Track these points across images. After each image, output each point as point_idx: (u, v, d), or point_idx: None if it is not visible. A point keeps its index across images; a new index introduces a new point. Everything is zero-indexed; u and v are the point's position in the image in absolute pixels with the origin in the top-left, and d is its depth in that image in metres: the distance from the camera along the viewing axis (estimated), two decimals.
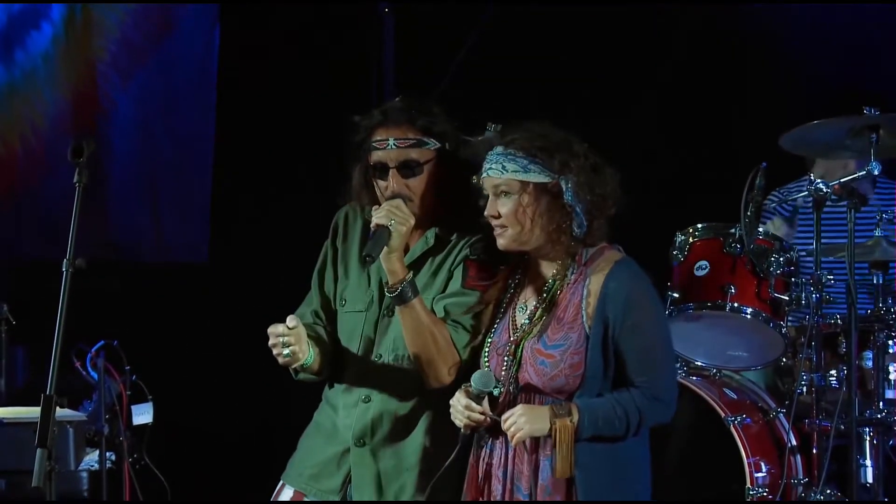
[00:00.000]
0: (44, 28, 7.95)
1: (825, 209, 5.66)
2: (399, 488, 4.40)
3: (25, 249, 7.86)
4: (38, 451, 4.02)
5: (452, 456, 4.14)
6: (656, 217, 6.41)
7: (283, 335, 4.30)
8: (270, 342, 4.33)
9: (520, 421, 4.03)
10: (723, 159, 7.12)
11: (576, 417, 4.01)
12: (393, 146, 4.39)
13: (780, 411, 5.89)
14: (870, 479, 5.66)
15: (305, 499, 4.47)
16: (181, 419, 6.74)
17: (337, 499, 4.44)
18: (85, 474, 5.92)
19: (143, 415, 6.56)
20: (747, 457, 5.74)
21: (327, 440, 4.50)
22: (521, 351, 4.14)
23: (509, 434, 4.05)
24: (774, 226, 6.34)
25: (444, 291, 4.40)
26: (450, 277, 4.41)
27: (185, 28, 8.13)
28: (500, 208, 4.14)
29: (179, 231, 8.14)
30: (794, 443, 5.77)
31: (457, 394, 4.15)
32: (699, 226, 5.98)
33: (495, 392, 4.14)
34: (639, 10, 7.51)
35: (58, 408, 4.13)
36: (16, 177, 7.97)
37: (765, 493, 5.73)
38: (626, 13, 7.51)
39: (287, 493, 4.52)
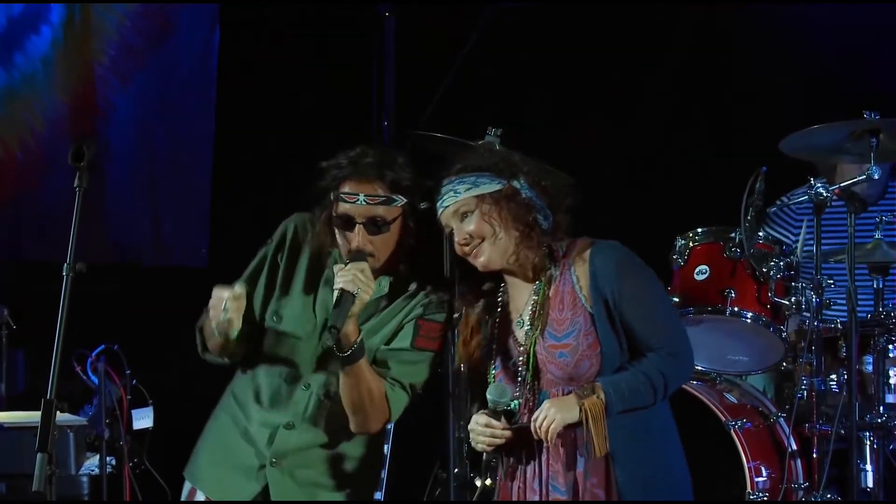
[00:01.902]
0: (43, 32, 7.94)
1: (826, 212, 5.66)
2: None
3: (25, 253, 7.86)
4: (39, 455, 4.02)
5: (479, 489, 4.25)
6: (656, 221, 6.41)
7: (228, 299, 4.28)
8: (212, 302, 4.31)
9: (550, 413, 4.07)
10: (723, 163, 7.11)
11: (602, 394, 4.06)
12: (363, 202, 4.37)
13: (781, 415, 5.89)
14: (870, 484, 5.66)
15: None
16: (182, 423, 6.72)
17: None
18: (85, 479, 5.92)
19: (143, 419, 6.56)
20: (748, 461, 5.74)
21: (240, 448, 4.49)
22: (534, 357, 4.16)
23: (542, 430, 4.08)
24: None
25: (389, 341, 4.42)
26: (398, 329, 4.43)
27: (184, 30, 8.12)
28: (466, 228, 4.19)
29: (179, 233, 8.13)
30: (794, 447, 5.77)
31: (475, 416, 4.22)
32: (699, 230, 5.98)
33: (513, 405, 4.17)
34: (639, 11, 7.50)
35: (58, 412, 4.13)
36: (15, 180, 7.96)
37: (765, 498, 5.73)
38: (627, 14, 7.51)
39: (199, 499, 4.51)
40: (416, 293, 4.45)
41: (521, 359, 4.20)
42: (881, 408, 5.70)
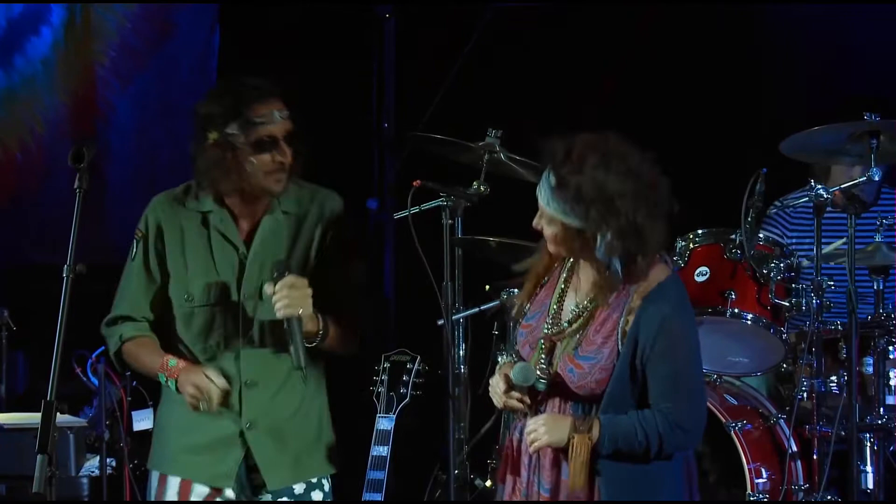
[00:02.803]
0: (43, 33, 7.95)
1: (826, 214, 5.66)
2: (313, 464, 4.56)
3: (25, 254, 7.86)
4: (39, 456, 4.02)
5: (488, 424, 4.23)
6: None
7: (218, 395, 4.42)
8: (195, 392, 4.41)
9: (540, 430, 4.08)
10: (723, 165, 7.11)
11: (595, 434, 4.04)
12: (279, 118, 4.52)
13: (781, 417, 5.89)
14: (870, 485, 5.66)
15: (195, 483, 4.49)
16: None
17: (229, 483, 4.49)
18: (85, 480, 5.93)
19: (143, 420, 6.56)
20: (748, 462, 5.74)
21: (206, 424, 4.52)
22: (556, 353, 4.17)
23: (528, 440, 4.11)
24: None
25: (308, 263, 4.51)
26: (309, 248, 4.52)
27: (184, 32, 8.13)
28: (544, 228, 4.20)
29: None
30: (794, 448, 5.77)
31: (496, 376, 4.24)
32: (699, 231, 5.98)
33: (539, 387, 4.17)
34: (639, 12, 7.51)
35: (58, 413, 4.12)
36: (15, 182, 7.97)
37: (765, 499, 5.73)
38: (627, 16, 7.51)
39: (173, 485, 4.53)
40: (312, 214, 4.57)
41: (543, 344, 4.19)
42: (881, 409, 5.70)
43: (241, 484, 4.52)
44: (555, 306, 4.23)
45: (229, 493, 4.51)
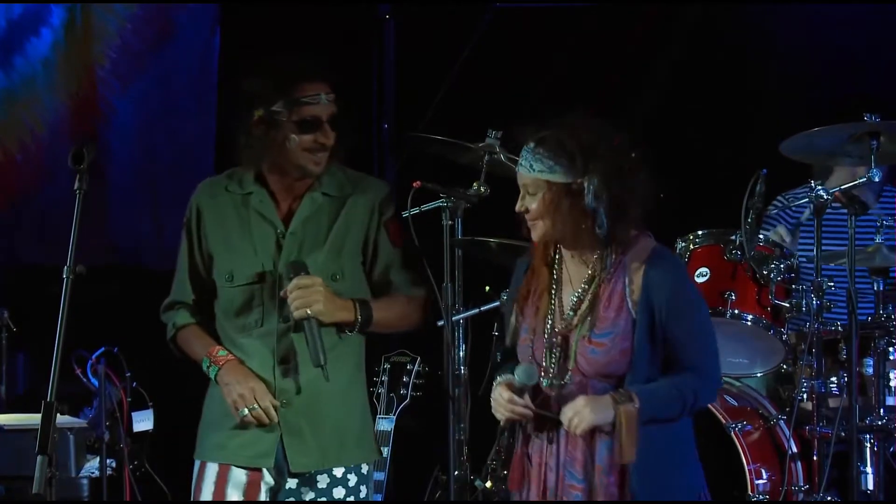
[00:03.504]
0: (43, 34, 7.95)
1: (825, 215, 5.66)
2: (339, 445, 4.50)
3: (25, 255, 7.86)
4: (39, 457, 4.02)
5: (496, 445, 4.24)
6: (656, 223, 6.40)
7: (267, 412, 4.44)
8: (238, 400, 4.43)
9: (584, 412, 4.09)
10: (723, 166, 7.11)
11: (637, 403, 4.08)
12: (325, 101, 4.54)
13: (781, 418, 5.89)
14: (870, 486, 5.66)
15: (233, 468, 4.49)
16: (182, 426, 6.72)
17: (270, 462, 4.47)
18: (85, 481, 5.92)
19: (143, 421, 6.56)
20: (748, 463, 5.74)
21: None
22: (571, 343, 4.19)
23: (572, 426, 4.10)
24: (777, 234, 6.33)
25: (371, 264, 4.55)
26: (366, 245, 4.55)
27: (184, 33, 8.13)
28: (527, 204, 4.21)
29: (180, 236, 8.13)
30: (794, 449, 5.77)
31: (498, 388, 4.25)
32: (699, 232, 5.99)
33: (545, 383, 4.19)
34: (638, 12, 7.51)
35: (58, 414, 4.13)
36: (15, 182, 7.97)
37: (765, 500, 5.73)
38: (626, 17, 7.51)
39: (211, 471, 4.52)
40: (356, 198, 4.58)
41: (556, 339, 4.21)
42: (881, 410, 5.70)
43: (279, 466, 4.49)
44: (552, 306, 4.26)
45: (269, 480, 4.49)
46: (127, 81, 8.07)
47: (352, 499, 4.51)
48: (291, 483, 4.49)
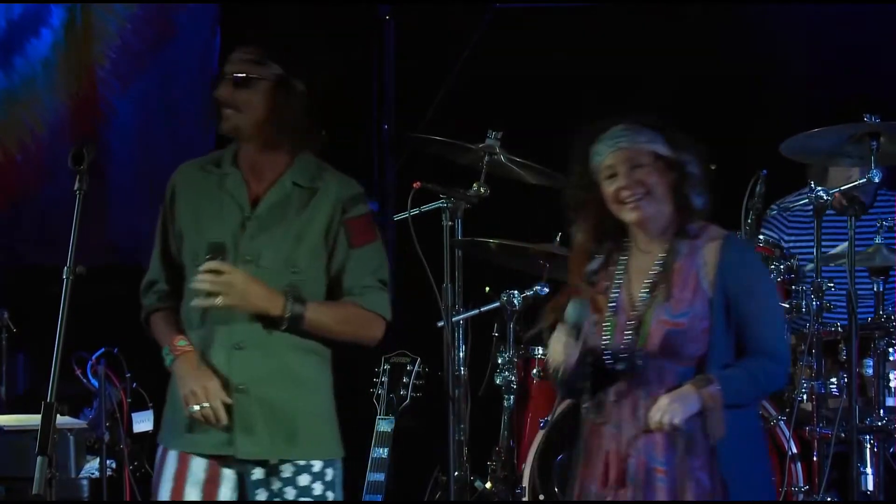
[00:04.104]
0: (43, 35, 7.95)
1: (825, 216, 5.66)
2: (291, 437, 4.40)
3: (25, 256, 7.86)
4: (39, 458, 4.03)
5: (561, 406, 4.63)
6: None
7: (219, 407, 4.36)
8: (190, 397, 4.34)
9: (673, 408, 4.10)
10: (723, 167, 7.10)
11: (717, 385, 4.11)
12: (239, 58, 4.48)
13: (781, 418, 5.89)
14: (870, 487, 5.66)
15: (194, 459, 4.44)
16: None
17: (227, 451, 4.38)
18: (85, 482, 5.92)
19: (143, 422, 6.56)
20: None
21: None
22: (646, 325, 4.20)
23: (664, 422, 4.10)
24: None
25: (328, 259, 4.43)
26: (325, 240, 4.43)
27: (185, 34, 8.13)
28: (637, 176, 4.22)
29: None
30: (794, 450, 5.77)
31: (556, 333, 4.22)
32: None
33: (620, 366, 4.20)
34: (638, 13, 7.51)
35: (58, 415, 4.13)
36: (15, 183, 7.97)
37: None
38: (626, 17, 7.51)
39: (172, 458, 4.48)
40: (324, 191, 4.48)
41: (631, 322, 4.22)
42: (881, 411, 5.70)
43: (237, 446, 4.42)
44: (626, 287, 4.27)
45: (229, 473, 4.45)
46: (127, 82, 8.07)
47: (318, 484, 4.44)
48: (258, 473, 4.42)
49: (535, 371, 6.27)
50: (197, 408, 4.34)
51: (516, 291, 6.09)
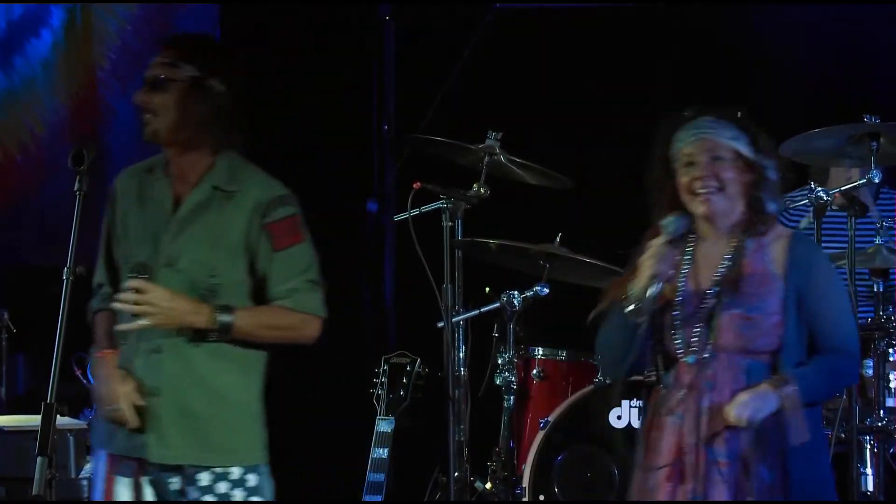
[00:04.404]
0: (43, 35, 7.95)
1: (826, 217, 5.66)
2: (203, 443, 4.36)
3: (25, 256, 7.86)
4: (39, 458, 4.02)
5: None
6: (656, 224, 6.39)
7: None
8: (102, 399, 4.33)
9: (754, 404, 4.11)
10: None
11: (794, 385, 4.13)
12: (156, 62, 4.48)
13: None
14: (870, 487, 5.66)
15: (122, 461, 4.43)
16: None
17: (144, 454, 4.34)
18: (85, 482, 5.91)
19: None
20: None
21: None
22: (716, 317, 4.21)
23: (743, 418, 4.11)
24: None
25: (250, 264, 4.37)
26: (246, 245, 4.37)
27: None
28: (714, 169, 4.23)
29: None
30: None
31: (656, 242, 4.23)
32: None
33: (689, 360, 4.20)
34: (638, 14, 7.51)
35: (58, 416, 4.13)
36: (15, 183, 7.97)
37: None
38: (625, 18, 7.51)
39: (102, 459, 4.47)
40: (243, 195, 4.42)
41: (700, 315, 4.22)
42: (881, 411, 5.70)
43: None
44: (691, 283, 4.27)
45: (146, 479, 4.43)
46: (127, 82, 8.06)
47: (238, 490, 4.36)
48: (175, 483, 4.36)
49: (535, 371, 6.27)
50: (109, 410, 4.31)
51: (516, 292, 6.09)
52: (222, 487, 4.36)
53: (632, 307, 4.20)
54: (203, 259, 4.37)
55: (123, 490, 4.40)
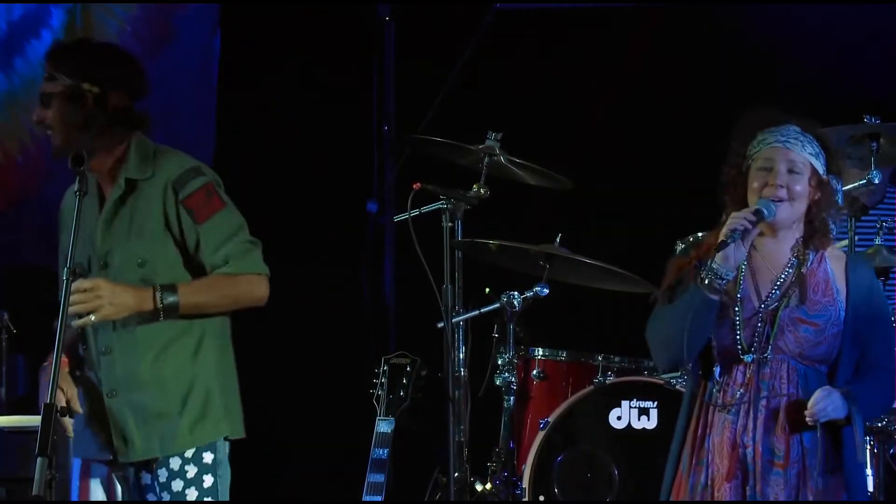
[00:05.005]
0: (44, 36, 7.95)
1: None
2: (161, 435, 4.42)
3: (25, 257, 7.86)
4: (39, 459, 4.03)
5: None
6: (656, 226, 6.41)
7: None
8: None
9: (829, 405, 4.16)
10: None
11: (857, 403, 4.19)
12: (45, 77, 4.52)
13: None
14: (870, 488, 5.65)
15: (92, 463, 4.49)
16: None
17: (109, 455, 4.44)
18: None
19: None
20: None
21: (83, 398, 4.50)
22: (779, 318, 4.24)
23: (815, 413, 4.15)
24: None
25: (178, 242, 4.42)
26: (169, 227, 4.43)
27: (185, 36, 8.12)
28: (789, 181, 4.26)
29: None
30: None
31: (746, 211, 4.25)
32: (699, 235, 5.97)
33: (748, 358, 4.21)
34: (637, 15, 7.51)
35: (58, 416, 4.13)
36: (16, 184, 7.97)
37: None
38: (625, 19, 7.51)
39: (76, 465, 4.55)
40: (153, 179, 4.47)
41: (760, 315, 4.26)
42: None
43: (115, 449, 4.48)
44: (749, 286, 4.29)
45: (118, 475, 4.49)
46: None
47: (193, 490, 4.45)
48: (146, 478, 4.46)
49: (535, 372, 6.27)
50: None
51: (516, 292, 6.09)
52: (191, 470, 4.44)
53: (710, 274, 4.19)
54: (131, 252, 4.43)
55: (98, 490, 4.44)
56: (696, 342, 4.23)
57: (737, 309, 4.26)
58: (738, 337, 4.25)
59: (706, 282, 4.19)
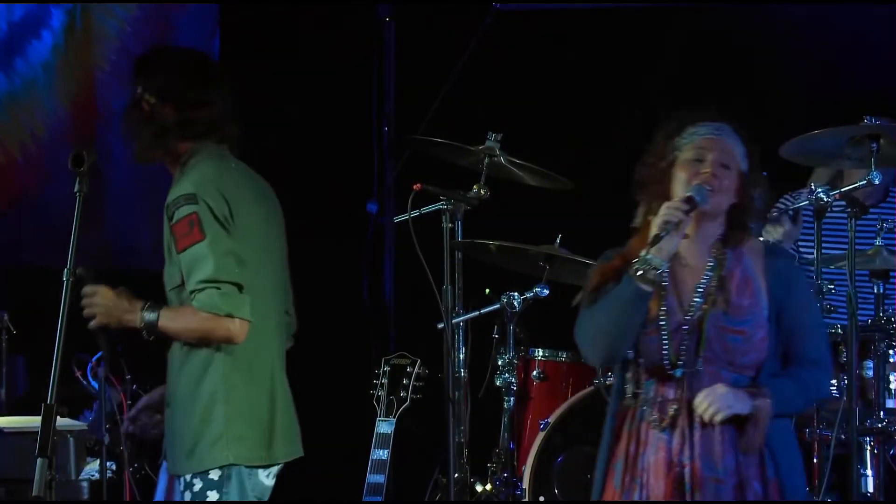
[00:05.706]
0: (44, 37, 7.95)
1: (825, 218, 5.66)
2: (176, 453, 4.51)
3: (25, 257, 7.86)
4: (39, 460, 4.04)
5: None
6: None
7: None
8: None
9: (727, 398, 4.10)
10: None
11: (769, 398, 4.12)
12: None
13: None
14: (870, 489, 5.66)
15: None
16: None
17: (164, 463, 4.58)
18: (85, 484, 5.91)
19: None
20: None
21: None
22: (705, 330, 4.18)
23: (710, 411, 4.09)
24: (774, 230, 6.30)
25: (170, 255, 4.45)
26: (166, 243, 4.47)
27: (184, 36, 8.13)
28: (722, 178, 4.21)
29: None
30: None
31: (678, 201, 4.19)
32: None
33: (677, 373, 4.16)
34: (637, 16, 7.51)
35: (58, 417, 4.14)
36: (16, 185, 7.97)
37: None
38: (625, 19, 7.52)
39: (164, 465, 4.65)
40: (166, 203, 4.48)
41: (686, 328, 4.20)
42: (881, 413, 5.70)
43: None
44: (673, 296, 4.23)
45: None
46: (126, 84, 8.06)
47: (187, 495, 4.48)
48: (180, 485, 4.54)
49: (535, 373, 6.27)
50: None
51: (516, 293, 6.10)
52: (197, 485, 4.48)
53: (644, 265, 4.12)
54: (168, 273, 4.49)
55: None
56: (630, 333, 4.17)
57: (662, 323, 4.19)
58: (664, 353, 4.19)
59: (639, 273, 4.12)
